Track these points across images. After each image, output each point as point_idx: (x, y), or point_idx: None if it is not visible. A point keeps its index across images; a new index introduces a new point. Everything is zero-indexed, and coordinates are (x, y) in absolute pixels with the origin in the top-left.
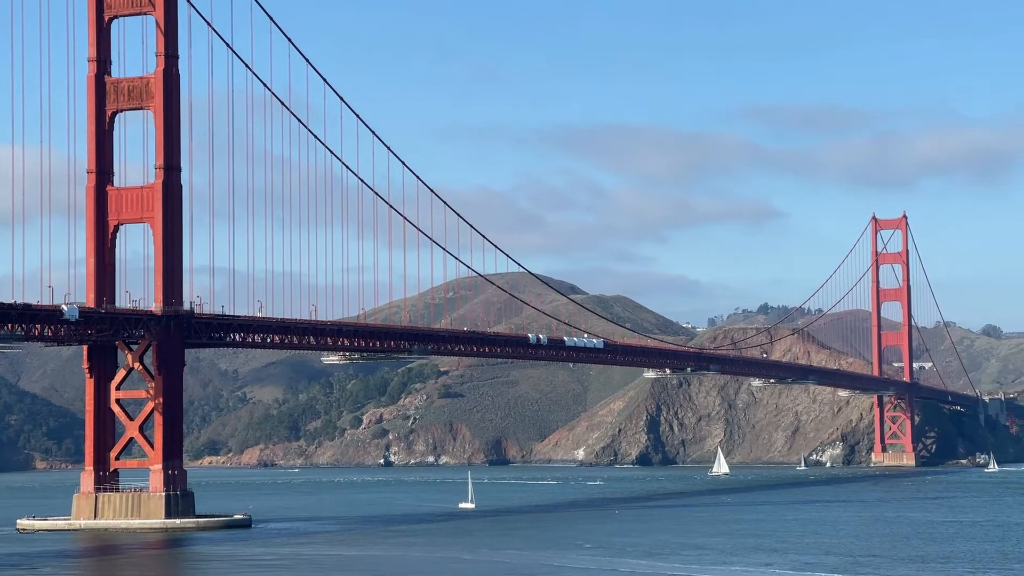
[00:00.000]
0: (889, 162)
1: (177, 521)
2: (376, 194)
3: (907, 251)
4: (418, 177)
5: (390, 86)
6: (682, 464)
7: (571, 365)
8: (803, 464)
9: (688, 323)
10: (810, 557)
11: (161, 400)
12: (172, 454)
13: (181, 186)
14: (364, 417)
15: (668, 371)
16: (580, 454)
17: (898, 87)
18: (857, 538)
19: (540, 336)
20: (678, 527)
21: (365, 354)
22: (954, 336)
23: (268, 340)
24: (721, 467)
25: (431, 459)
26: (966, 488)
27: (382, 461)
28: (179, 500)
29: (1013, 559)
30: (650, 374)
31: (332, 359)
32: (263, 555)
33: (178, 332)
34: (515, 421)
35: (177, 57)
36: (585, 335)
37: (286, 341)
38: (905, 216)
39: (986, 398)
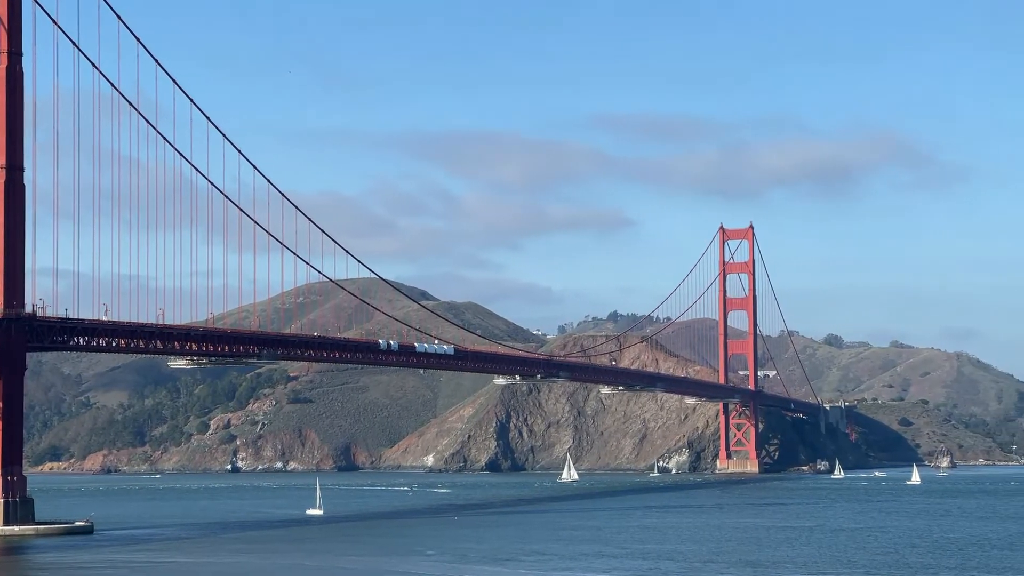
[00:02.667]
0: (737, 173)
1: (16, 528)
2: (226, 197)
3: (753, 261)
4: (268, 181)
5: (240, 89)
6: (531, 470)
7: (421, 371)
8: (656, 471)
9: (538, 330)
10: (649, 563)
11: (0, 405)
12: (11, 460)
13: (24, 186)
14: (211, 422)
15: (518, 378)
16: (429, 460)
17: (746, 99)
18: (695, 543)
19: (391, 342)
20: (521, 533)
21: (213, 359)
22: (797, 345)
23: (114, 344)
24: (570, 473)
25: (279, 465)
26: (805, 494)
27: (229, 467)
28: (18, 507)
29: (840, 563)
30: (500, 380)
31: (179, 364)
32: (99, 562)
33: (19, 335)
34: (364, 427)
35: (21, 55)
36: (436, 341)
37: (132, 345)
38: (752, 226)
39: (827, 406)
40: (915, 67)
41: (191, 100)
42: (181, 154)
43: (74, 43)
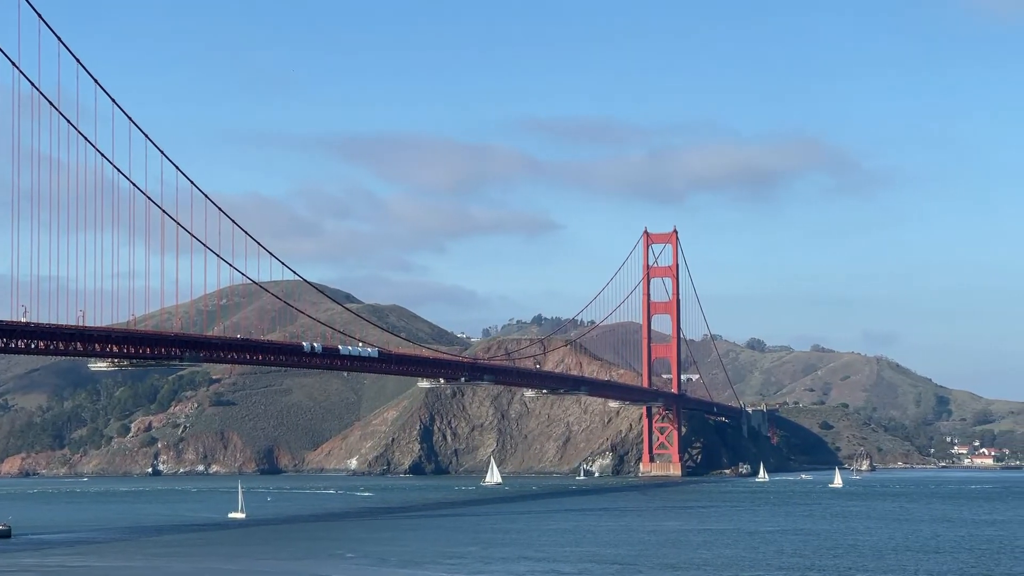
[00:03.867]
0: (662, 177)
1: None
2: (148, 198)
3: (677, 265)
4: (191, 182)
5: (164, 89)
6: (455, 474)
7: (345, 374)
8: (582, 474)
9: (463, 333)
10: (568, 565)
11: None
12: None
13: None
14: (132, 425)
15: (442, 381)
16: (353, 463)
17: (672, 103)
18: (615, 546)
19: (314, 344)
20: (442, 536)
21: (135, 361)
22: (720, 349)
23: (33, 346)
24: (494, 477)
25: (201, 468)
26: (726, 497)
27: (150, 470)
28: None
29: (756, 566)
30: (424, 384)
31: (100, 366)
32: (13, 567)
33: None
34: (288, 430)
35: None
36: (360, 344)
37: (52, 347)
38: (676, 231)
39: (749, 409)
40: (840, 74)
41: (113, 100)
42: (103, 154)
43: None
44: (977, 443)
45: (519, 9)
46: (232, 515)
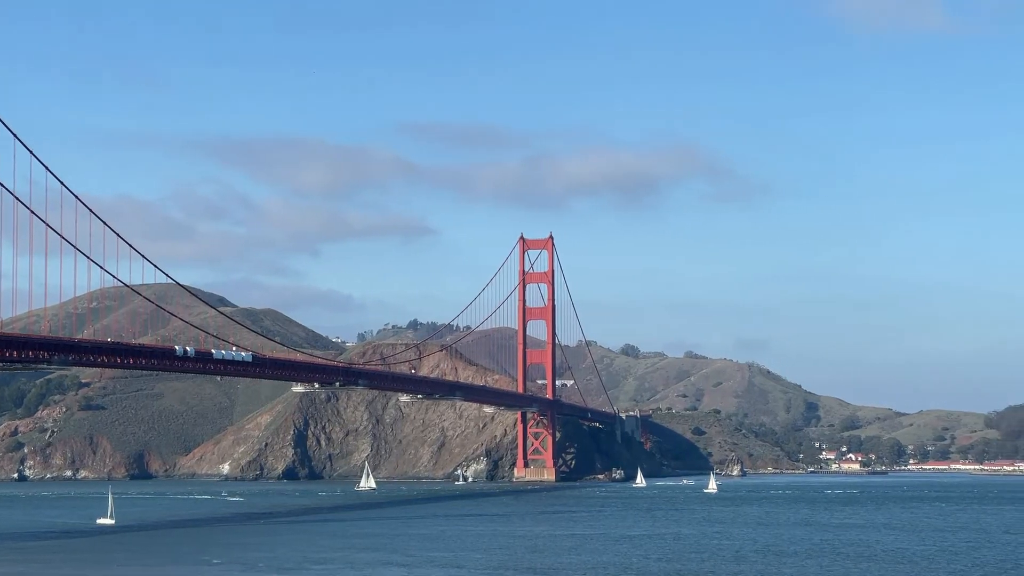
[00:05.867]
0: (539, 183)
1: None
2: (16, 199)
3: (553, 271)
4: (62, 183)
5: (34, 88)
6: (329, 479)
7: (219, 378)
8: (462, 479)
9: (338, 338)
10: (434, 570)
11: None
12: None
13: None
14: None
15: (316, 385)
16: (225, 468)
17: (549, 109)
18: (482, 551)
19: (187, 348)
20: (312, 541)
21: (1, 364)
22: (595, 355)
23: None
24: (368, 482)
25: (69, 473)
26: (599, 502)
27: (16, 475)
28: None
29: (620, 569)
30: (298, 388)
31: None
32: None
33: None
34: (159, 434)
35: None
36: (234, 348)
37: None
38: (551, 237)
39: (623, 415)
40: (717, 81)
41: None
42: None
43: None
44: (844, 448)
45: (396, 13)
46: (100, 521)
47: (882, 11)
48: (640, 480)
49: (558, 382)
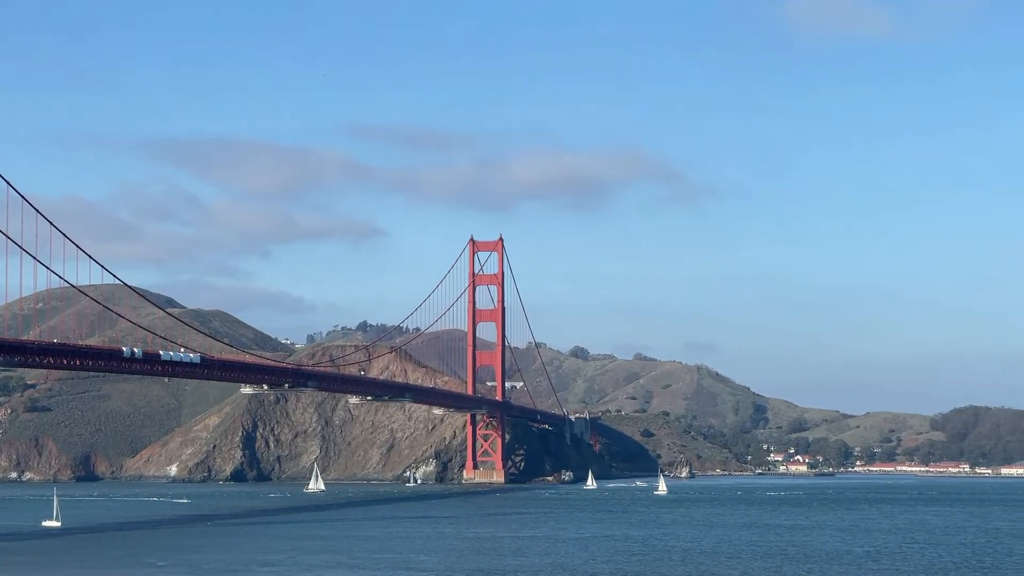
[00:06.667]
0: (490, 185)
1: None
2: None
3: (503, 273)
4: (7, 182)
5: None
6: (278, 480)
7: (166, 380)
8: (413, 481)
9: (287, 339)
10: (379, 572)
11: None
12: None
13: None
14: None
15: (265, 387)
16: (173, 470)
17: (500, 112)
18: (429, 553)
19: (135, 349)
20: (259, 543)
21: None
22: (544, 357)
23: None
24: (317, 484)
25: (14, 475)
26: (546, 504)
27: None
28: None
29: (564, 571)
30: (247, 390)
31: None
32: None
33: None
34: (106, 436)
35: None
36: (182, 349)
37: None
38: (501, 239)
39: (572, 417)
40: (665, 84)
41: None
42: None
43: None
44: (792, 450)
45: (346, 14)
46: (46, 523)
47: (828, 16)
48: (591, 482)
49: (508, 384)
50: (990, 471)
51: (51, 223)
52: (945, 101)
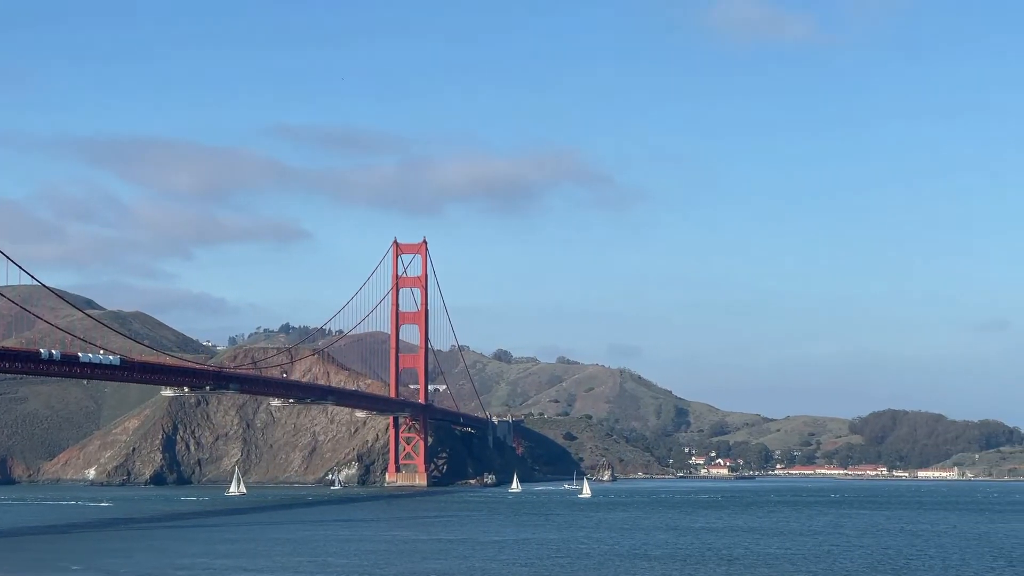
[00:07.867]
0: (415, 187)
1: None
2: None
3: (426, 276)
4: None
5: None
6: (198, 484)
7: (85, 382)
8: (337, 483)
9: (209, 341)
10: (296, 575)
11: None
12: None
13: None
14: None
15: (186, 389)
16: (91, 473)
17: (425, 114)
18: (346, 556)
19: (52, 351)
20: (176, 547)
21: None
22: (468, 360)
23: None
24: (239, 487)
25: None
26: (468, 507)
27: None
28: None
29: (480, 574)
30: (168, 392)
31: None
32: None
33: None
34: (22, 439)
35: None
36: (101, 351)
37: None
38: (425, 241)
39: (495, 420)
40: (593, 88)
41: None
42: None
43: None
44: (714, 454)
45: (271, 13)
46: None
47: (757, 23)
48: (516, 485)
49: (431, 387)
50: (907, 474)
51: None
52: (871, 110)
